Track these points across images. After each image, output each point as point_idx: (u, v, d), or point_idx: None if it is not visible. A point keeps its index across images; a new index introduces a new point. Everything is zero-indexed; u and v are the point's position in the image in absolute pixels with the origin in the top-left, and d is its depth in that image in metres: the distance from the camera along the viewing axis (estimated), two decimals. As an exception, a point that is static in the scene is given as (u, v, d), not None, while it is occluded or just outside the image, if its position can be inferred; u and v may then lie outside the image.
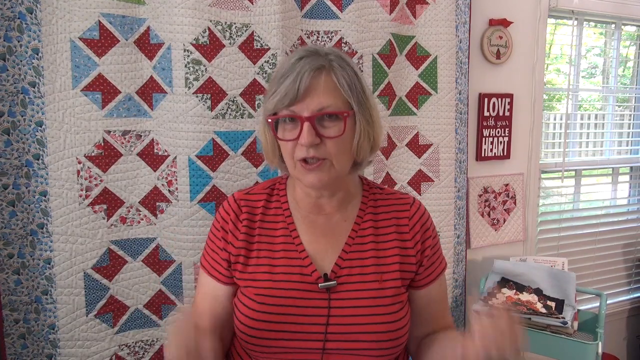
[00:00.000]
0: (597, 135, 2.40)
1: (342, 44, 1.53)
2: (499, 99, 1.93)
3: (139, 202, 1.36)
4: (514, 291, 1.71)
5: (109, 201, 1.32)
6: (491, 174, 1.97)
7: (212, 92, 1.35)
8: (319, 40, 1.52)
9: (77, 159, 1.27)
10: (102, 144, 1.29)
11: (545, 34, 2.03)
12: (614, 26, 2.34)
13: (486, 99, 1.90)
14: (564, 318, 1.53)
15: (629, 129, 2.47)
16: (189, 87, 1.32)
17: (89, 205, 1.29)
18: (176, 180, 1.35)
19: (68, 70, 1.23)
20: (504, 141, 1.97)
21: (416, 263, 0.96)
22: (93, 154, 1.28)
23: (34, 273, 1.25)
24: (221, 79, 1.36)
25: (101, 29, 1.25)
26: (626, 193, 2.55)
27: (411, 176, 1.72)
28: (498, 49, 1.91)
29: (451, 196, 1.78)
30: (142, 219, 1.37)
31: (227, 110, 1.38)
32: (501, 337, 0.76)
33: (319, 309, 0.88)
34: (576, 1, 2.09)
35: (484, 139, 1.92)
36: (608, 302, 2.12)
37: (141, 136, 1.35)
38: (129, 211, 1.35)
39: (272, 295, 0.89)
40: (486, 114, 1.91)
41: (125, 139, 1.33)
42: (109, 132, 1.30)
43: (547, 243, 2.22)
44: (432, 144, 1.73)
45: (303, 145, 0.85)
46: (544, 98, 2.09)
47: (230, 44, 1.37)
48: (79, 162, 1.27)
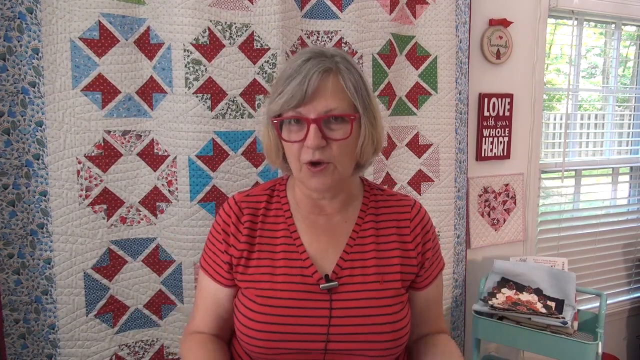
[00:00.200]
0: (597, 135, 2.40)
1: (342, 44, 1.53)
2: (499, 99, 1.93)
3: (139, 202, 1.36)
4: (514, 291, 1.71)
5: (109, 201, 1.32)
6: (491, 174, 1.97)
7: (212, 92, 1.35)
8: (319, 40, 1.52)
9: (77, 159, 1.27)
10: (102, 144, 1.29)
11: (545, 34, 2.03)
12: (614, 26, 2.34)
13: (486, 99, 1.90)
14: (564, 318, 1.53)
15: (629, 129, 2.47)
16: (189, 87, 1.32)
17: (89, 205, 1.29)
18: (176, 180, 1.35)
19: (68, 70, 1.23)
20: (504, 141, 1.97)
21: (417, 265, 0.97)
22: (93, 154, 1.28)
23: (34, 273, 1.25)
24: (221, 79, 1.36)
25: (101, 29, 1.25)
26: (626, 193, 2.55)
27: (411, 176, 1.72)
28: (498, 49, 1.91)
29: (451, 196, 1.78)
30: (142, 219, 1.37)
31: (227, 110, 1.38)
32: None
33: (320, 310, 0.89)
34: (576, 1, 2.09)
35: (484, 139, 1.92)
36: (608, 302, 2.13)
37: (141, 136, 1.35)
38: (129, 211, 1.35)
39: (274, 297, 0.89)
40: (486, 114, 1.91)
41: (125, 139, 1.33)
42: (109, 132, 1.30)
43: (547, 243, 2.22)
44: (432, 144, 1.73)
45: (309, 148, 0.84)
46: (544, 98, 2.09)
47: (230, 44, 1.37)
48: (79, 162, 1.27)
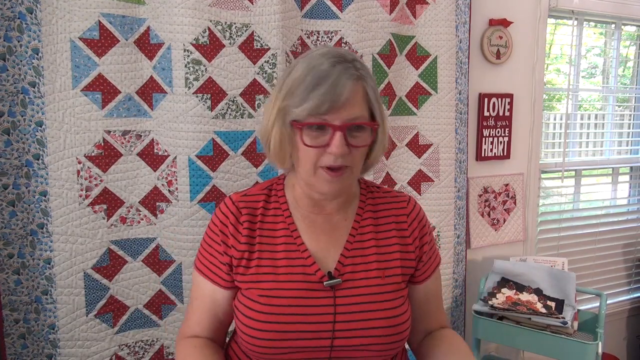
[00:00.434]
0: (597, 135, 2.40)
1: (342, 44, 1.53)
2: (499, 99, 1.93)
3: (139, 202, 1.36)
4: (514, 291, 1.71)
5: (109, 201, 1.32)
6: (491, 174, 1.97)
7: (212, 92, 1.35)
8: (319, 40, 1.52)
9: (77, 159, 1.27)
10: (102, 144, 1.29)
11: (545, 34, 2.03)
12: (614, 26, 2.34)
13: (486, 99, 1.90)
14: (564, 318, 1.53)
15: (629, 129, 2.47)
16: (189, 87, 1.32)
17: (89, 205, 1.29)
18: (176, 180, 1.35)
19: (68, 70, 1.23)
20: (504, 141, 1.97)
21: (415, 259, 0.98)
22: (93, 154, 1.28)
23: (34, 273, 1.25)
24: (221, 79, 1.36)
25: (101, 29, 1.25)
26: (626, 193, 2.55)
27: (411, 176, 1.72)
28: (498, 49, 1.91)
29: (451, 196, 1.78)
30: (142, 219, 1.37)
31: (227, 110, 1.38)
32: None
33: (324, 307, 0.89)
34: (576, 1, 2.09)
35: (484, 139, 1.92)
36: (608, 302, 2.13)
37: (141, 136, 1.35)
38: (129, 211, 1.35)
39: (277, 296, 0.89)
40: (486, 114, 1.91)
41: (125, 139, 1.33)
42: (109, 132, 1.30)
43: (547, 243, 2.22)
44: (432, 144, 1.73)
45: (333, 154, 0.84)
46: (544, 98, 2.09)
47: (230, 44, 1.37)
48: (79, 162, 1.27)
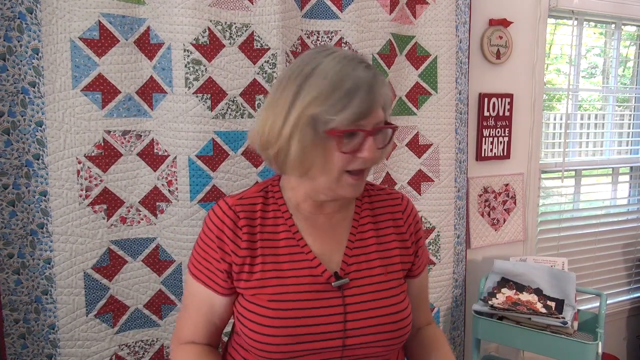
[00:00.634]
0: (597, 135, 2.40)
1: (342, 44, 1.53)
2: (499, 99, 1.93)
3: (139, 202, 1.36)
4: (514, 291, 1.71)
5: (109, 201, 1.32)
6: (491, 174, 1.97)
7: (212, 92, 1.35)
8: (319, 40, 1.52)
9: (77, 159, 1.27)
10: (102, 144, 1.29)
11: (545, 34, 2.03)
12: (614, 26, 2.34)
13: (486, 99, 1.90)
14: (564, 318, 1.53)
15: (629, 129, 2.47)
16: (189, 87, 1.32)
17: (89, 205, 1.29)
18: (176, 180, 1.35)
19: (68, 70, 1.23)
20: (504, 141, 1.97)
21: (412, 254, 1.01)
22: (93, 154, 1.28)
23: (34, 273, 1.25)
24: (221, 79, 1.36)
25: (101, 29, 1.25)
26: (626, 193, 2.55)
27: (411, 176, 1.72)
28: (498, 49, 1.91)
29: (451, 196, 1.78)
30: (142, 219, 1.37)
31: (227, 110, 1.38)
32: None
33: (334, 308, 0.89)
34: (576, 1, 2.09)
35: (484, 139, 1.92)
36: (608, 302, 2.13)
37: (141, 136, 1.35)
38: (129, 211, 1.35)
39: (285, 300, 0.88)
40: (486, 114, 1.91)
41: (125, 139, 1.33)
42: (109, 132, 1.30)
43: (547, 243, 2.22)
44: (432, 144, 1.73)
45: (366, 159, 0.85)
46: (544, 98, 2.09)
47: (230, 44, 1.37)
48: (79, 162, 1.27)
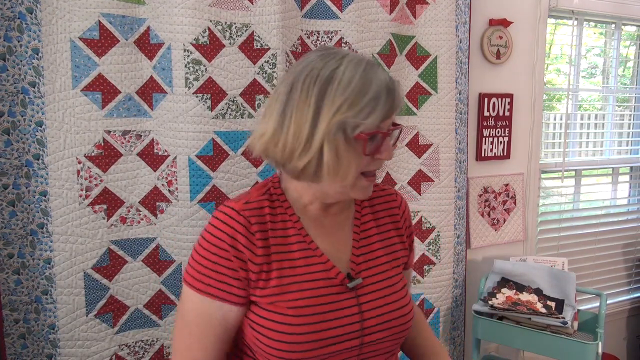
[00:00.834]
0: (597, 135, 2.40)
1: (342, 44, 1.53)
2: (499, 99, 1.93)
3: (139, 202, 1.36)
4: (514, 291, 1.71)
5: (109, 201, 1.32)
6: (491, 174, 1.97)
7: (212, 92, 1.35)
8: (319, 41, 1.52)
9: (77, 159, 1.27)
10: (102, 144, 1.29)
11: (545, 34, 2.03)
12: (614, 26, 2.34)
13: (486, 99, 1.90)
14: (564, 318, 1.53)
15: (629, 129, 2.47)
16: (189, 87, 1.32)
17: (89, 205, 1.29)
18: (176, 180, 1.35)
19: (68, 70, 1.23)
20: (504, 141, 1.97)
21: (408, 247, 1.05)
22: (93, 154, 1.28)
23: (34, 273, 1.25)
24: (221, 79, 1.36)
25: (101, 29, 1.25)
26: (626, 193, 2.55)
27: (411, 176, 1.72)
28: (498, 49, 1.91)
29: (451, 196, 1.78)
30: (142, 219, 1.37)
31: (227, 110, 1.38)
32: None
33: (350, 308, 0.89)
34: (576, 1, 2.09)
35: (484, 139, 1.92)
36: (608, 302, 2.13)
37: (141, 136, 1.35)
38: (129, 211, 1.35)
39: (305, 306, 0.86)
40: (486, 114, 1.91)
41: (125, 139, 1.33)
42: (109, 132, 1.30)
43: (547, 243, 2.22)
44: (432, 144, 1.73)
45: (385, 159, 0.87)
46: (544, 98, 2.09)
47: (230, 44, 1.37)
48: (79, 162, 1.27)
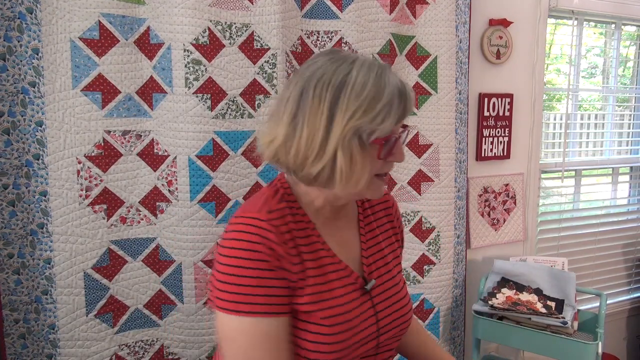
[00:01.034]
0: (597, 135, 2.40)
1: (342, 44, 1.53)
2: (499, 99, 1.93)
3: (139, 202, 1.36)
4: (514, 291, 1.71)
5: (109, 201, 1.32)
6: (491, 174, 1.97)
7: (212, 92, 1.35)
8: (319, 41, 1.52)
9: (77, 159, 1.27)
10: (102, 144, 1.29)
11: (545, 34, 2.03)
12: (614, 26, 2.34)
13: (486, 99, 1.90)
14: (564, 318, 1.53)
15: (629, 129, 2.47)
16: (189, 87, 1.32)
17: (89, 205, 1.29)
18: (176, 180, 1.35)
19: (68, 70, 1.23)
20: (504, 141, 1.97)
21: (401, 245, 1.08)
22: (93, 154, 1.28)
23: (34, 273, 1.25)
24: (221, 79, 1.36)
25: (101, 29, 1.25)
26: (626, 193, 2.55)
27: (411, 176, 1.72)
28: (498, 49, 1.91)
29: (451, 196, 1.78)
30: (142, 219, 1.37)
31: (227, 110, 1.38)
32: None
33: (367, 311, 0.89)
34: (576, 1, 2.09)
35: (484, 139, 1.92)
36: (608, 302, 2.13)
37: (141, 136, 1.35)
38: (129, 211, 1.35)
39: (338, 314, 0.84)
40: (486, 114, 1.91)
41: (125, 139, 1.33)
42: (109, 132, 1.30)
43: (547, 243, 2.22)
44: (432, 144, 1.73)
45: (399, 161, 0.88)
46: (544, 98, 2.09)
47: (230, 44, 1.37)
48: (79, 162, 1.27)
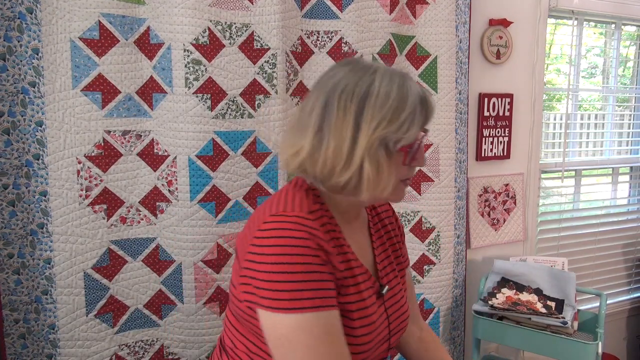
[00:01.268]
0: (597, 135, 2.40)
1: (342, 44, 1.53)
2: (499, 99, 1.93)
3: (139, 202, 1.36)
4: (514, 291, 1.71)
5: (109, 201, 1.32)
6: (491, 174, 1.97)
7: (212, 92, 1.35)
8: (318, 41, 1.52)
9: (77, 159, 1.27)
10: (102, 144, 1.29)
11: (545, 34, 2.03)
12: (614, 26, 2.34)
13: (486, 99, 1.90)
14: (564, 318, 1.53)
15: (629, 129, 2.47)
16: (189, 87, 1.32)
17: (89, 205, 1.29)
18: (176, 180, 1.35)
19: (68, 70, 1.23)
20: (504, 141, 1.97)
21: (403, 246, 1.08)
22: (93, 154, 1.28)
23: (34, 273, 1.25)
24: (221, 79, 1.36)
25: (101, 29, 1.25)
26: (626, 193, 2.55)
27: (411, 176, 1.72)
28: (498, 49, 1.91)
29: (451, 196, 1.78)
30: (142, 219, 1.37)
31: (227, 110, 1.38)
32: None
33: (382, 315, 0.90)
34: (576, 1, 2.09)
35: (484, 139, 1.92)
36: (608, 302, 2.13)
37: (141, 136, 1.35)
38: (129, 211, 1.35)
39: (366, 316, 0.84)
40: (486, 114, 1.91)
41: (125, 139, 1.33)
42: (109, 132, 1.30)
43: (547, 243, 2.22)
44: (432, 144, 1.73)
45: (422, 165, 0.89)
46: (544, 98, 2.09)
47: (230, 44, 1.37)
48: (79, 162, 1.27)
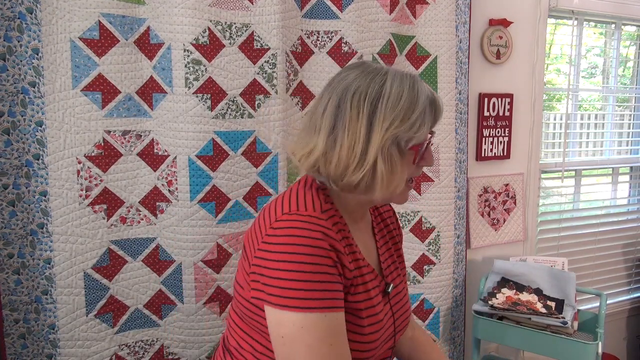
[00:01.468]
0: (597, 135, 2.40)
1: (342, 44, 1.53)
2: (499, 99, 1.93)
3: (139, 202, 1.36)
4: (514, 291, 1.71)
5: (109, 201, 1.32)
6: (491, 174, 1.97)
7: (212, 92, 1.35)
8: (318, 41, 1.52)
9: (77, 159, 1.27)
10: (102, 144, 1.29)
11: (545, 34, 2.03)
12: (614, 26, 2.34)
13: (486, 99, 1.90)
14: (564, 318, 1.53)
15: (629, 129, 2.47)
16: (189, 87, 1.32)
17: (89, 205, 1.29)
18: (176, 180, 1.35)
19: (68, 70, 1.23)
20: (504, 141, 1.97)
21: (402, 246, 1.09)
22: (93, 154, 1.28)
23: (34, 273, 1.25)
24: (221, 79, 1.36)
25: (101, 29, 1.25)
26: (626, 193, 2.55)
27: (411, 176, 1.72)
28: (498, 49, 1.91)
29: (451, 196, 1.78)
30: (142, 219, 1.37)
31: (227, 110, 1.38)
32: None
33: (387, 313, 0.91)
34: (576, 1, 2.09)
35: (484, 139, 1.92)
36: (608, 302, 2.13)
37: (141, 136, 1.35)
38: (129, 211, 1.35)
39: (374, 314, 0.85)
40: (486, 114, 1.91)
41: (125, 139, 1.33)
42: (109, 132, 1.30)
43: (547, 243, 2.22)
44: (432, 144, 1.72)
45: (430, 165, 0.90)
46: (544, 98, 2.09)
47: (230, 44, 1.37)
48: (79, 162, 1.27)
